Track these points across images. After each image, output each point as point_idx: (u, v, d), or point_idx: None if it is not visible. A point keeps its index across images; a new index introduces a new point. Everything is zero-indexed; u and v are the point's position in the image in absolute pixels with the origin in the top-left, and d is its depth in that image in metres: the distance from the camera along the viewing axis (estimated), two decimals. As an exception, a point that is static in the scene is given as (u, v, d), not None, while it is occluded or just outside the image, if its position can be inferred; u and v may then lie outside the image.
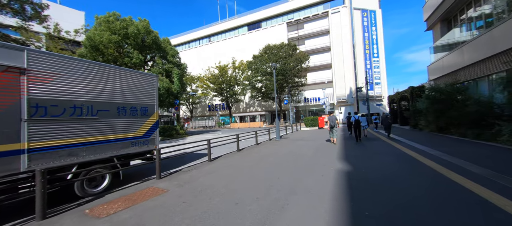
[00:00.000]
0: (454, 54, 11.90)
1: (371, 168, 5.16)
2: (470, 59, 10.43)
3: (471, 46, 10.41)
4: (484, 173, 4.25)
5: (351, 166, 5.49)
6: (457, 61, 11.65)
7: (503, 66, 8.22)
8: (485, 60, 9.59)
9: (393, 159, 6.17)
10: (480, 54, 9.68)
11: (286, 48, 37.09)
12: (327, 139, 12.45)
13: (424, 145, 8.44)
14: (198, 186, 4.29)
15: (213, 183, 4.48)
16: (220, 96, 45.92)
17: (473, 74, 10.59)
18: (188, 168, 6.00)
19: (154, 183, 4.62)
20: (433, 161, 5.46)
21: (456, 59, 11.74)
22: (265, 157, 7.21)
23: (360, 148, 8.64)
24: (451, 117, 10.53)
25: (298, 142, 11.08)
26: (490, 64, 9.35)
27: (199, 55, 56.82)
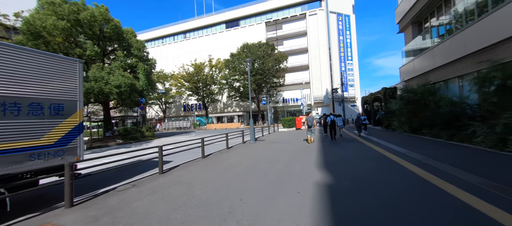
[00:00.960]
0: (425, 56, 12.07)
1: (356, 179, 4.31)
2: (441, 61, 10.53)
3: (442, 48, 10.51)
4: (480, 182, 3.64)
5: (332, 175, 4.60)
6: (428, 63, 11.80)
7: (476, 67, 8.21)
8: (455, 62, 9.67)
9: (376, 164, 5.47)
10: (451, 56, 9.75)
11: (265, 48, 36.42)
12: (304, 139, 12.32)
13: (402, 146, 8.07)
14: (123, 218, 2.96)
15: (149, 210, 3.18)
16: (195, 96, 43.54)
17: (443, 76, 10.72)
18: (126, 185, 4.56)
19: (56, 216, 3.14)
20: (423, 169, 4.83)
21: (427, 61, 11.89)
22: (233, 165, 6.04)
23: (338, 150, 7.97)
24: (425, 117, 10.51)
25: (274, 145, 10.13)
26: (460, 65, 9.42)
27: (174, 52, 53.50)
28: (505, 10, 7.02)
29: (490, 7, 7.90)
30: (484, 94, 7.17)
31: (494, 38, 7.39)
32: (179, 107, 53.07)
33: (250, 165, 6.02)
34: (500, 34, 7.16)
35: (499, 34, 7.20)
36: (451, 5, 10.70)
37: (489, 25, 7.64)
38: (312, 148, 8.92)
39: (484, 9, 8.21)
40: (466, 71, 9.04)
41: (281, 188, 3.91)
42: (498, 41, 7.26)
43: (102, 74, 15.22)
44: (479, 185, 3.56)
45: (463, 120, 8.28)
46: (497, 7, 7.42)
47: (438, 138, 9.64)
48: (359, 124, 13.45)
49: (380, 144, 9.05)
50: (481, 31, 7.98)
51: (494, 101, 6.86)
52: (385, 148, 7.97)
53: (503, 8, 7.10)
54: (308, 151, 8.07)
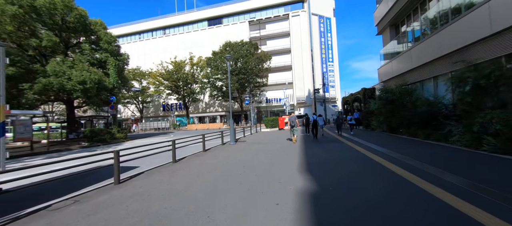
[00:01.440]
0: (403, 57, 12.38)
1: (341, 185, 3.90)
2: (417, 62, 10.80)
3: (418, 49, 10.79)
4: (463, 183, 3.42)
5: (315, 181, 4.15)
6: (405, 64, 12.10)
7: (451, 67, 8.42)
8: (431, 63, 9.93)
9: (360, 167, 5.16)
10: (427, 57, 10.00)
11: (248, 47, 35.86)
12: (288, 138, 12.26)
13: (382, 146, 7.99)
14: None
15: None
16: (175, 95, 41.56)
17: (419, 77, 11.01)
18: (67, 201, 3.67)
19: None
20: (410, 172, 4.58)
21: (404, 62, 12.20)
22: (206, 171, 5.36)
23: (320, 151, 7.64)
24: (403, 117, 10.70)
25: (254, 146, 9.57)
26: (435, 66, 9.68)
27: (152, 49, 50.69)
28: (475, 14, 7.22)
29: (463, 10, 8.14)
30: (459, 94, 7.29)
31: (466, 40, 7.58)
32: (158, 107, 50.42)
33: (225, 170, 5.38)
34: (472, 37, 7.36)
35: (471, 37, 7.40)
36: (427, 8, 11.04)
37: (461, 27, 7.86)
38: (294, 148, 8.53)
39: (457, 14, 8.46)
40: (441, 72, 9.30)
41: (258, 199, 3.34)
42: (470, 43, 7.45)
43: (63, 68, 13.49)
44: (460, 185, 3.33)
45: (439, 119, 8.45)
46: (468, 11, 7.63)
47: (415, 137, 9.81)
48: (339, 123, 14.16)
49: (361, 144, 8.94)
50: (455, 33, 8.20)
51: (468, 101, 7.00)
52: (366, 148, 7.82)
53: (473, 12, 7.30)
54: (290, 152, 7.64)
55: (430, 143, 8.07)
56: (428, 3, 10.72)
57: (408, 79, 11.97)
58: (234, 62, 34.88)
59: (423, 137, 9.07)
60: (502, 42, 6.42)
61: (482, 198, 2.96)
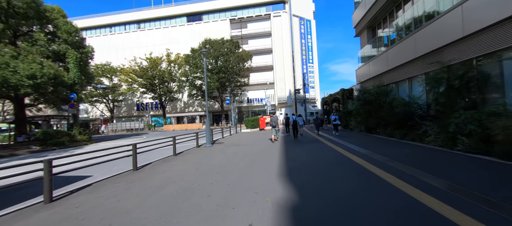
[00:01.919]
0: (379, 59, 12.65)
1: (324, 191, 3.43)
2: (394, 63, 11.04)
3: (394, 51, 11.03)
4: (443, 185, 3.16)
5: (296, 189, 3.64)
6: (382, 66, 12.36)
7: (426, 68, 8.60)
8: (406, 64, 10.16)
9: (342, 170, 4.80)
10: (402, 58, 10.22)
11: (229, 45, 34.94)
12: (268, 138, 12.28)
13: (362, 146, 7.87)
14: None
15: None
16: (151, 94, 38.98)
17: (395, 78, 11.28)
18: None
19: None
20: (390, 173, 4.29)
21: (381, 63, 12.46)
22: (170, 181, 4.57)
23: (301, 152, 7.24)
24: (380, 117, 10.84)
25: (232, 149, 8.90)
26: (411, 68, 9.91)
27: (125, 43, 47.09)
28: (448, 17, 7.40)
29: (436, 13, 8.36)
30: (434, 95, 7.39)
31: (440, 42, 7.75)
32: (131, 106, 46.99)
33: (193, 179, 4.64)
34: (446, 39, 7.53)
35: (445, 39, 7.58)
36: (403, 11, 11.34)
37: (435, 30, 8.05)
38: (274, 150, 8.03)
39: (431, 17, 8.69)
40: (416, 73, 9.52)
41: (227, 219, 2.70)
42: (444, 45, 7.63)
43: (6, 59, 11.45)
44: (438, 186, 3.06)
45: (415, 120, 8.59)
46: (441, 14, 7.83)
47: (392, 137, 9.95)
48: (318, 123, 14.72)
49: (341, 144, 8.77)
50: (429, 35, 8.40)
51: (442, 102, 7.11)
52: (346, 149, 7.61)
53: (447, 15, 7.48)
54: (269, 155, 7.11)
55: (406, 143, 8.13)
56: (404, 6, 11.01)
57: (384, 80, 12.24)
58: (214, 60, 33.72)
59: (399, 137, 9.19)
60: (473, 45, 6.59)
61: (461, 200, 2.76)
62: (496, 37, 5.98)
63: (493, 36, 6.05)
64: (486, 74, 6.22)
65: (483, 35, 6.31)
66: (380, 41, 13.47)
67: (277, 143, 10.16)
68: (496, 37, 5.98)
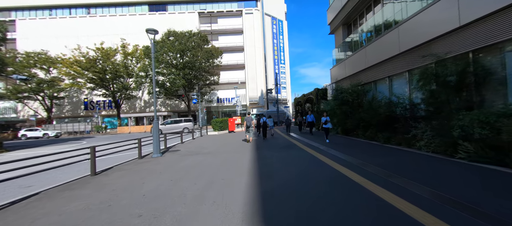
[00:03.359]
0: (357, 56, 11.86)
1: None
2: (373, 61, 10.23)
3: (373, 48, 10.23)
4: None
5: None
6: (359, 64, 11.57)
7: (410, 65, 7.77)
8: (387, 61, 9.36)
9: (334, 192, 3.14)
10: (383, 55, 9.41)
11: (196, 39, 31.88)
12: (238, 141, 11.62)
13: (343, 152, 6.54)
14: None
15: None
16: (102, 90, 33.26)
17: (374, 76, 10.50)
18: None
19: None
20: (387, 190, 2.77)
21: (358, 61, 11.67)
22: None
23: (277, 164, 5.50)
24: (359, 118, 9.89)
25: (186, 161, 6.69)
26: (392, 64, 9.12)
27: (70, 30, 39.76)
28: (442, 4, 6.59)
29: (424, 4, 7.57)
30: (426, 93, 6.42)
31: (431, 34, 6.91)
32: (77, 104, 39.83)
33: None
34: (437, 30, 6.70)
35: (436, 30, 6.75)
36: (382, 5, 10.64)
37: (425, 21, 7.22)
38: (242, 161, 6.13)
39: (419, 6, 7.91)
40: (398, 71, 8.72)
41: None
42: (435, 37, 6.79)
43: None
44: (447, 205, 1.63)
45: (400, 121, 7.66)
46: (431, 3, 7.03)
47: (373, 141, 9.01)
48: (288, 123, 15.02)
49: (320, 150, 7.36)
50: (416, 28, 7.58)
51: (436, 101, 6.16)
52: (330, 156, 6.16)
53: (439, 2, 6.67)
54: (236, 170, 5.18)
55: (393, 149, 7.10)
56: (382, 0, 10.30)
57: (362, 79, 11.46)
58: (179, 54, 30.30)
59: (383, 140, 8.22)
60: (471, 36, 5.76)
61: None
62: (498, 27, 5.16)
63: (495, 26, 5.22)
64: (487, 68, 5.37)
65: (483, 25, 5.47)
66: (356, 39, 12.76)
67: (247, 150, 8.30)
68: (498, 26, 5.15)
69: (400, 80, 8.95)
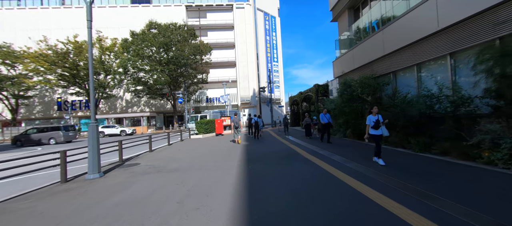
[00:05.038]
0: (369, 43, 9.74)
1: None
2: (394, 46, 8.10)
3: (394, 29, 8.11)
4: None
5: None
6: (373, 51, 9.43)
7: (453, 46, 5.65)
8: (416, 44, 7.24)
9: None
10: (411, 36, 7.28)
11: (183, 32, 29.10)
12: (231, 140, 11.44)
13: (371, 167, 4.30)
14: None
15: None
16: (76, 88, 29.68)
17: (394, 65, 8.37)
18: None
19: None
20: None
21: (372, 47, 9.54)
22: None
23: (279, 191, 3.16)
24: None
25: (132, 189, 4.19)
26: (424, 48, 6.99)
27: (42, 23, 35.83)
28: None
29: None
30: (497, 81, 4.26)
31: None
32: (50, 104, 35.86)
33: None
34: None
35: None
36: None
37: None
38: (223, 191, 3.71)
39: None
40: (435, 54, 6.58)
41: None
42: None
43: None
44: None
45: (447, 122, 5.51)
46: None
47: (399, 147, 6.86)
48: (286, 123, 14.66)
49: (335, 162, 5.08)
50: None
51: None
52: (356, 175, 3.86)
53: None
54: (208, 209, 2.77)
55: (440, 161, 4.93)
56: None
57: (377, 70, 9.33)
58: (162, 49, 27.40)
59: (417, 148, 6.06)
60: None
61: None
62: None
63: None
64: None
65: None
66: (365, 24, 10.65)
67: (233, 162, 5.91)
68: None
69: (435, 67, 6.84)
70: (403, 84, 8.09)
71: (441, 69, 6.56)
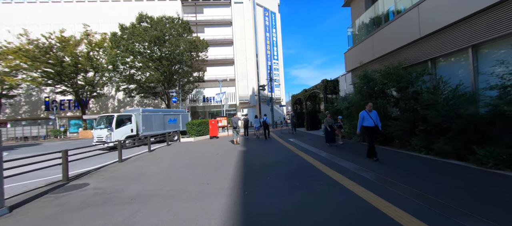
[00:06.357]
0: (396, 25, 7.85)
1: None
2: (435, 25, 6.21)
3: (437, 2, 6.22)
4: None
5: None
6: (401, 35, 7.55)
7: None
8: (471, 19, 5.36)
9: None
10: (464, 9, 5.39)
11: (177, 25, 27.14)
12: (231, 140, 11.59)
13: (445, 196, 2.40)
14: None
15: None
16: (61, 86, 27.65)
17: (436, 50, 6.47)
18: None
19: None
20: None
21: (399, 32, 7.66)
22: None
23: None
24: (421, 120, 5.86)
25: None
26: (486, 23, 5.11)
27: (28, 18, 33.73)
28: None
29: None
30: None
31: None
32: (37, 104, 33.81)
33: None
34: None
35: None
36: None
37: None
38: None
39: None
40: (503, 31, 4.70)
41: None
42: None
43: None
44: None
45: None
46: None
47: (454, 159, 4.98)
48: (294, 122, 14.92)
49: (375, 186, 3.17)
50: None
51: None
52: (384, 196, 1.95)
53: None
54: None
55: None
56: None
57: (407, 58, 7.44)
58: (154, 43, 25.43)
59: (492, 162, 4.18)
60: None
61: None
62: None
63: None
64: None
65: None
66: (387, 3, 8.76)
67: (224, 183, 4.01)
68: None
69: (502, 48, 4.95)
70: (446, 75, 6.21)
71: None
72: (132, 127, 12.36)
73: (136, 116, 12.81)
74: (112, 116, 12.39)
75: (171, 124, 14.73)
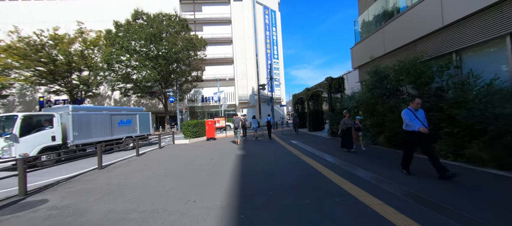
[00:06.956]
0: (411, 14, 7.00)
1: None
2: (465, 8, 5.37)
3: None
4: None
5: None
6: (419, 25, 6.71)
7: None
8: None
9: None
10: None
11: (174, 23, 26.28)
12: (232, 141, 11.45)
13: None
14: None
15: None
16: (54, 85, 26.75)
17: (465, 39, 5.63)
18: None
19: None
20: None
21: (416, 21, 6.81)
22: None
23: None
24: (449, 120, 5.03)
25: None
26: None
27: (22, 16, 32.91)
28: None
29: None
30: None
31: None
32: (31, 104, 32.94)
33: None
34: None
35: None
36: None
37: None
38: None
39: None
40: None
41: None
42: None
43: None
44: None
45: None
46: None
47: (493, 168, 4.14)
48: (296, 122, 14.96)
49: (397, 198, 2.32)
50: None
51: None
52: None
53: None
54: None
55: None
56: None
57: (425, 51, 6.60)
58: (151, 41, 24.59)
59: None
60: None
61: None
62: None
63: None
64: None
65: None
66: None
67: (214, 208, 3.17)
68: None
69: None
70: (475, 68, 5.37)
71: None
72: (53, 133, 8.13)
73: (64, 116, 8.69)
74: (13, 116, 7.52)
75: (124, 127, 11.19)
